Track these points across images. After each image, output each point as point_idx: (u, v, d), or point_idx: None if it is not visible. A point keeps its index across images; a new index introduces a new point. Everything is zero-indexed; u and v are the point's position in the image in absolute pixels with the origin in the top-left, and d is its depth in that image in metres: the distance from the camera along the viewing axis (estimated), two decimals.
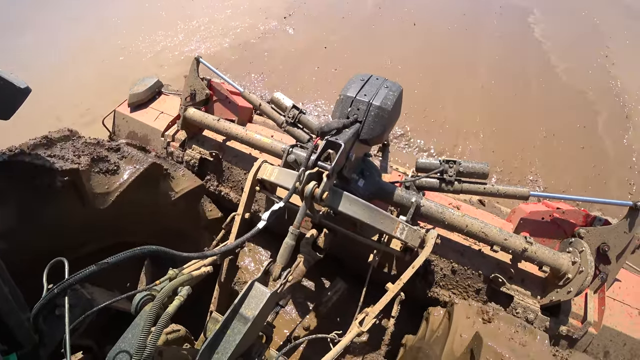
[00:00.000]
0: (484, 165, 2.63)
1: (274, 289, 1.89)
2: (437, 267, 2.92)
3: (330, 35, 8.36)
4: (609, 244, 2.53)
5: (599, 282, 2.61)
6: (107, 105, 4.12)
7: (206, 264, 2.26)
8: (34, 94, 1.80)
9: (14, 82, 1.67)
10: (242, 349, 1.78)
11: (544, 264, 2.48)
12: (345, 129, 2.26)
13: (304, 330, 2.65)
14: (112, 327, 2.06)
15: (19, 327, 1.62)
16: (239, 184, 3.51)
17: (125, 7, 9.74)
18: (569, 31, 9.10)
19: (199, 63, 3.39)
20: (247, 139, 3.17)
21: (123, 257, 1.59)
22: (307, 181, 2.03)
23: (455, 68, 7.62)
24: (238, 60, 7.76)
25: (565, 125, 6.55)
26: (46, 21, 9.13)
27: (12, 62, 7.53)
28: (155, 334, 1.51)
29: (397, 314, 2.35)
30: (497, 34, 8.78)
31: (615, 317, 2.62)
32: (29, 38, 8.51)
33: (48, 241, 2.30)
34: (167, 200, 2.93)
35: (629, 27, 9.37)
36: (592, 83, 7.50)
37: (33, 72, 7.29)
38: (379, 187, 2.64)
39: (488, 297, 2.82)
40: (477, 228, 2.52)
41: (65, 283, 1.56)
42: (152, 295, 1.82)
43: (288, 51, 7.95)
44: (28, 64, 7.57)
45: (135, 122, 3.84)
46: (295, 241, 2.09)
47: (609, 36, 8.96)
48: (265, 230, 2.17)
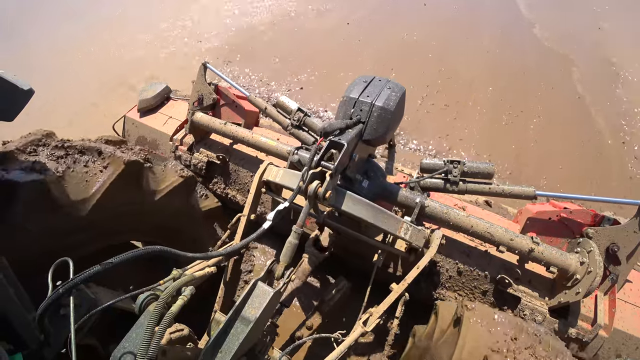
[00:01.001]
0: (488, 165, 2.62)
1: (277, 288, 1.89)
2: (442, 268, 2.90)
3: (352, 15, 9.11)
4: (618, 244, 2.48)
5: (609, 284, 2.56)
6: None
7: (210, 265, 2.27)
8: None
9: (17, 84, 1.70)
10: (246, 348, 1.79)
11: (552, 265, 2.44)
12: (349, 129, 2.27)
13: (308, 329, 2.64)
14: (118, 326, 2.08)
15: (25, 327, 1.64)
16: (246, 187, 3.53)
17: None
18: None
19: (206, 68, 3.45)
20: (253, 142, 3.20)
21: (127, 257, 1.61)
22: (311, 180, 2.04)
23: (460, 33, 8.46)
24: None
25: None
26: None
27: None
28: (159, 334, 1.52)
29: (401, 314, 2.34)
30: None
31: (627, 320, 2.57)
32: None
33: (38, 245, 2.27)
34: (153, 198, 2.85)
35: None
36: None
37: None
38: (383, 188, 2.64)
39: (495, 298, 2.79)
40: (483, 228, 2.49)
41: (70, 283, 1.58)
42: (156, 295, 1.83)
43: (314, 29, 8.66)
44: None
45: (145, 127, 3.90)
46: (298, 240, 2.10)
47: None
48: (272, 231, 2.18)
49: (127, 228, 2.82)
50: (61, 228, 2.36)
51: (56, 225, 2.33)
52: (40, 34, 8.78)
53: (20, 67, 7.42)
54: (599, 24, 8.76)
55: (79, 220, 2.42)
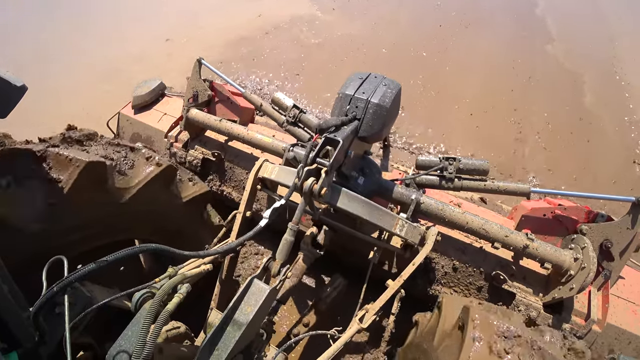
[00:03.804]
0: (483, 162, 2.63)
1: (273, 285, 1.89)
2: (438, 265, 2.91)
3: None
4: (611, 241, 2.51)
5: (602, 280, 2.59)
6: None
7: (206, 262, 2.27)
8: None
9: (10, 80, 1.68)
10: (242, 346, 1.79)
11: (546, 261, 2.45)
12: (344, 126, 2.26)
13: (304, 326, 2.65)
14: (114, 324, 2.07)
15: (19, 325, 1.62)
16: (241, 184, 3.52)
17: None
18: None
19: (201, 65, 3.42)
20: (248, 139, 3.18)
21: (123, 255, 1.59)
22: (306, 177, 2.04)
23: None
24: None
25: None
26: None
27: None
28: (155, 332, 1.52)
29: (397, 311, 2.35)
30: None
31: (620, 315, 2.60)
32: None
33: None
34: (176, 202, 3.00)
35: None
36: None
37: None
38: (378, 185, 2.64)
39: (490, 294, 2.81)
40: (478, 225, 2.51)
41: (65, 281, 1.57)
42: (152, 293, 1.83)
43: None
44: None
45: (139, 124, 3.88)
46: (294, 237, 2.09)
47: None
48: (267, 228, 2.18)
49: (143, 225, 2.93)
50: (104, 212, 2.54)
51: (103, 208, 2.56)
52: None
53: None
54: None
55: (117, 207, 2.62)
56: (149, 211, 2.92)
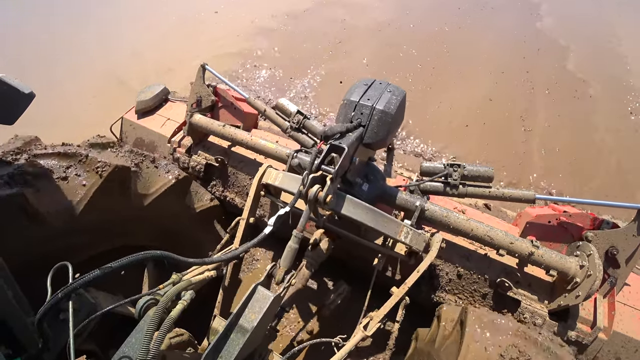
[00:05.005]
0: (488, 168, 2.62)
1: (277, 292, 1.88)
2: (442, 272, 2.89)
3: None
4: (617, 248, 2.49)
5: (608, 287, 2.56)
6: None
7: (210, 269, 2.26)
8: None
9: (18, 88, 1.69)
10: (246, 353, 1.78)
11: (551, 268, 2.43)
12: (349, 133, 2.26)
13: (308, 334, 2.63)
14: (117, 331, 2.07)
15: (23, 331, 1.63)
16: (244, 189, 3.52)
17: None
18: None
19: (204, 70, 3.43)
20: (252, 145, 3.18)
21: (127, 262, 1.60)
22: (311, 184, 2.03)
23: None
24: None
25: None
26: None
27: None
28: (159, 339, 1.51)
29: (401, 318, 2.34)
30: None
31: (626, 323, 2.57)
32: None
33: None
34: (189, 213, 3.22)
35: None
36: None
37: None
38: (383, 191, 2.63)
39: (495, 302, 2.79)
40: (483, 232, 2.49)
41: (69, 287, 1.57)
42: (156, 300, 1.82)
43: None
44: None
45: (142, 129, 3.88)
46: (298, 245, 2.09)
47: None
48: (271, 235, 2.17)
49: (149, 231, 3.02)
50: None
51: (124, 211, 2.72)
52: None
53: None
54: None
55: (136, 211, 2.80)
56: (160, 217, 3.06)
